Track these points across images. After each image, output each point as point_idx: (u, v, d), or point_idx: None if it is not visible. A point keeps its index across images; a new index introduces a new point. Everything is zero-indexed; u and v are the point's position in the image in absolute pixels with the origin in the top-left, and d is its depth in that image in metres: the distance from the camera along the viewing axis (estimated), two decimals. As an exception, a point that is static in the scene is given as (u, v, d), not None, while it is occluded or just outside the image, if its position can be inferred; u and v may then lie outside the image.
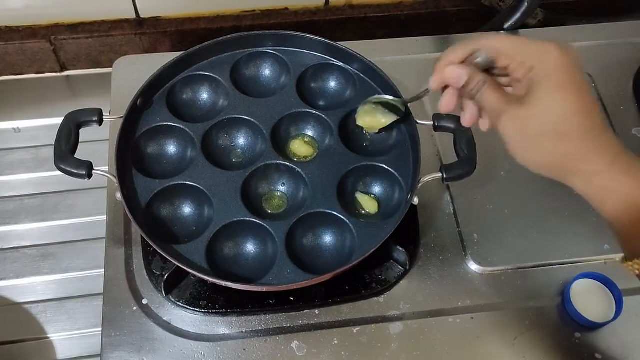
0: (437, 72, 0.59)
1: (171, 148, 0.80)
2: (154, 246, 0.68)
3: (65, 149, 0.73)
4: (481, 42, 0.57)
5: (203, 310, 0.74)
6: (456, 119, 0.77)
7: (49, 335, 0.93)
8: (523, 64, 0.54)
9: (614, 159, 0.53)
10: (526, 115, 0.54)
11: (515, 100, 0.54)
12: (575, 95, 0.53)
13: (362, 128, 0.80)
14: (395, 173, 0.76)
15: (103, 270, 0.78)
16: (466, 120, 0.61)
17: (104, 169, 0.74)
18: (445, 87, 0.60)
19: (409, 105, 0.77)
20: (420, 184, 0.72)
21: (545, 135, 0.54)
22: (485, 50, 0.56)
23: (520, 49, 0.55)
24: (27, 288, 0.96)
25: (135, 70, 0.92)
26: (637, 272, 0.53)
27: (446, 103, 0.61)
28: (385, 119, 0.77)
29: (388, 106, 0.76)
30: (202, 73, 0.83)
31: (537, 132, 0.54)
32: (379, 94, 0.82)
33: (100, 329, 0.74)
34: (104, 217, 0.82)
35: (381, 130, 0.78)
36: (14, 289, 0.96)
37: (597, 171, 0.54)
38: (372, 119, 0.77)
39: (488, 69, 0.57)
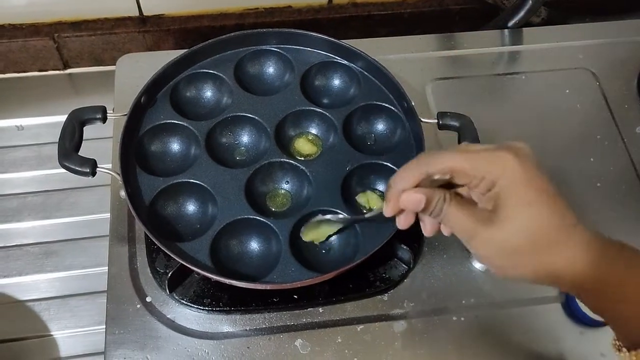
0: (391, 199, 0.55)
1: (175, 146, 0.80)
2: (158, 244, 0.68)
3: (69, 147, 0.73)
4: (433, 163, 0.53)
5: (207, 308, 0.74)
6: (460, 117, 0.78)
7: (52, 333, 0.93)
8: (483, 179, 0.51)
9: (583, 257, 0.51)
10: (499, 237, 0.51)
11: (484, 219, 0.52)
12: (543, 206, 0.50)
13: (366, 127, 0.80)
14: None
15: (106, 267, 0.78)
16: (427, 231, 0.58)
17: (107, 167, 0.74)
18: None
19: (413, 105, 0.77)
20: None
21: (523, 253, 0.51)
22: (443, 173, 0.53)
23: (476, 164, 0.52)
24: (30, 285, 0.96)
25: (138, 68, 0.92)
26: None
27: (405, 222, 0.57)
28: (331, 229, 0.72)
29: (331, 222, 0.72)
30: (206, 71, 0.83)
31: (513, 251, 0.51)
32: (383, 92, 0.82)
33: (104, 326, 0.74)
34: (107, 215, 0.82)
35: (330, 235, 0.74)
36: (17, 286, 0.96)
37: (578, 272, 0.51)
38: (317, 233, 0.72)
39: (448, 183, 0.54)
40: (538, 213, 0.50)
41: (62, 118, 0.76)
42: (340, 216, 0.71)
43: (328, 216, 0.70)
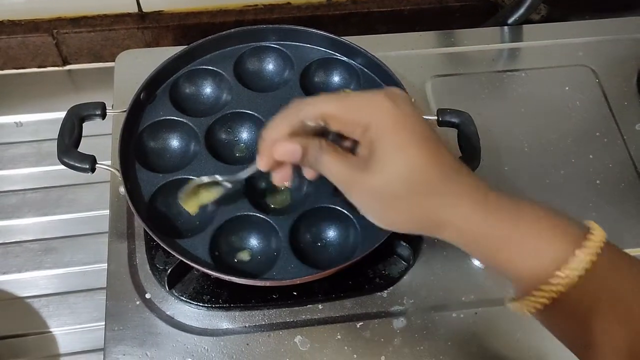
0: (264, 151, 0.53)
1: (174, 142, 0.79)
2: (158, 240, 0.68)
3: (69, 143, 0.73)
4: (306, 109, 0.51)
5: (206, 305, 0.74)
6: (460, 114, 0.77)
7: (51, 330, 0.93)
8: (357, 125, 0.49)
9: (475, 202, 0.49)
10: (374, 183, 0.49)
11: (359, 166, 0.50)
12: (418, 149, 0.48)
13: None
14: (399, 168, 0.76)
15: (105, 264, 0.77)
16: (309, 175, 0.57)
17: (107, 163, 0.74)
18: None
19: (413, 101, 0.76)
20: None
21: (401, 198, 0.49)
22: (315, 120, 0.51)
23: (349, 108, 0.50)
24: (29, 282, 0.96)
25: (138, 65, 0.92)
26: (538, 306, 0.48)
27: (282, 178, 0.56)
28: (210, 194, 0.69)
29: (209, 186, 0.68)
30: (206, 67, 0.83)
31: (390, 197, 0.49)
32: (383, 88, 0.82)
33: (103, 323, 0.74)
34: (107, 212, 0.82)
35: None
36: (16, 283, 0.96)
37: (462, 218, 0.49)
38: (197, 200, 0.69)
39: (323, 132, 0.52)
40: (413, 157, 0.48)
41: (62, 114, 0.76)
42: (218, 177, 0.67)
43: (204, 178, 0.67)
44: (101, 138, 0.85)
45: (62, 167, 0.73)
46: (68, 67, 1.13)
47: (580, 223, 0.49)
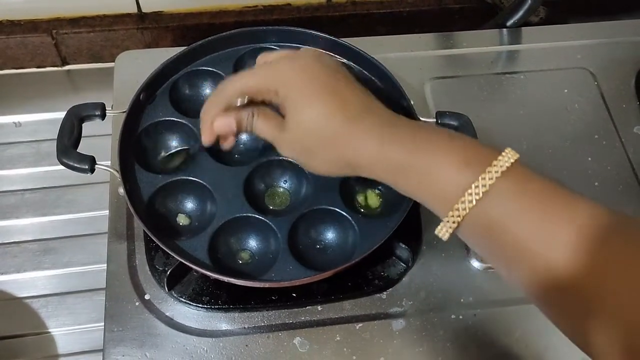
0: (205, 129, 0.61)
1: (174, 143, 0.80)
2: (157, 241, 0.68)
3: (68, 144, 0.73)
4: (227, 90, 0.59)
5: (205, 306, 0.74)
6: (459, 116, 0.78)
7: (50, 330, 0.93)
8: (269, 91, 0.57)
9: (382, 138, 0.53)
10: (291, 139, 0.57)
11: (280, 126, 0.57)
12: (320, 101, 0.54)
13: None
14: (398, 170, 0.76)
15: (104, 265, 0.77)
16: (225, 147, 0.66)
17: (106, 164, 0.74)
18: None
19: (412, 104, 0.77)
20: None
21: (318, 147, 0.55)
22: (239, 97, 0.59)
23: (260, 79, 0.58)
24: (28, 282, 0.96)
25: (137, 65, 0.92)
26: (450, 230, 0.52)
27: (228, 145, 0.65)
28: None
29: None
30: (205, 68, 0.83)
31: (308, 147, 0.56)
32: (382, 90, 0.82)
33: (102, 323, 0.74)
34: (106, 212, 0.82)
35: None
36: (15, 283, 0.96)
37: (368, 157, 0.54)
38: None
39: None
40: (317, 111, 0.54)
41: (61, 115, 0.76)
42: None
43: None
44: (100, 138, 0.85)
45: (61, 167, 0.73)
46: (67, 67, 1.13)
47: (494, 148, 0.51)
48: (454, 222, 0.50)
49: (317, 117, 0.54)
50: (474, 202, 0.48)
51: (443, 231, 0.52)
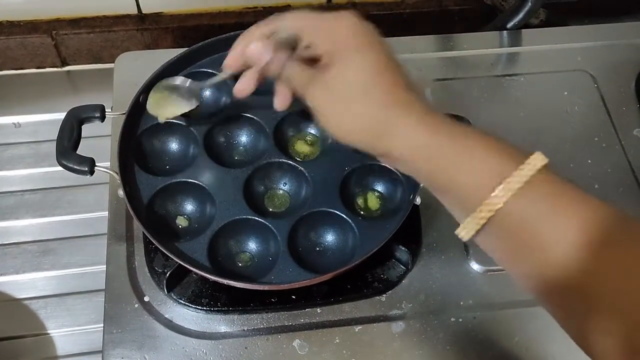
0: (236, 48, 0.57)
1: (173, 145, 0.79)
2: (156, 244, 0.68)
3: (68, 145, 0.73)
4: (280, 20, 0.55)
5: (205, 308, 0.74)
6: (459, 119, 0.77)
7: (49, 331, 0.93)
8: (325, 37, 0.53)
9: (419, 118, 0.51)
10: (331, 80, 0.52)
11: (320, 68, 0.53)
12: (376, 54, 0.52)
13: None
14: (398, 173, 0.76)
15: (104, 266, 0.78)
16: (279, 102, 0.60)
17: (106, 165, 0.74)
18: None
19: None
20: (422, 184, 0.72)
21: (353, 98, 0.52)
22: (287, 26, 0.54)
23: (318, 20, 0.54)
24: (27, 284, 0.96)
25: (137, 67, 0.92)
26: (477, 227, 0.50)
27: (243, 86, 0.59)
28: (176, 109, 0.73)
29: (182, 92, 0.73)
30: (205, 70, 0.83)
31: (344, 95, 0.52)
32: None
33: (101, 325, 0.74)
34: (105, 213, 0.82)
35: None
36: (14, 284, 0.96)
37: (410, 131, 0.51)
38: (162, 110, 0.73)
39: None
40: (370, 60, 0.51)
41: (60, 115, 0.76)
42: (188, 83, 0.72)
43: (177, 81, 0.72)
44: (100, 139, 0.85)
45: (61, 168, 0.73)
46: (67, 68, 1.13)
47: (524, 150, 0.50)
48: (481, 219, 0.48)
49: (370, 68, 0.51)
50: (501, 204, 0.47)
51: (466, 230, 0.50)
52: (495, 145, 0.50)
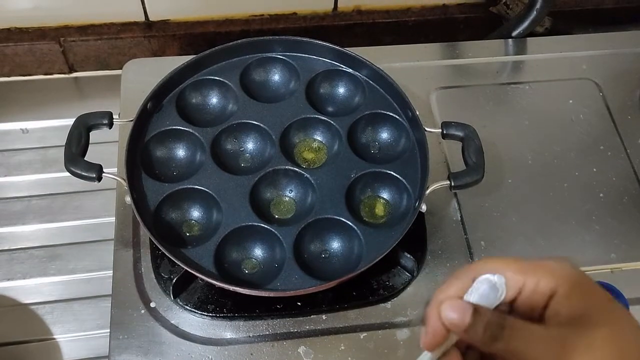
0: (431, 315, 0.42)
1: (180, 152, 0.80)
2: (163, 250, 0.68)
3: (76, 152, 0.74)
4: (478, 266, 0.42)
5: (210, 314, 0.74)
6: (464, 127, 0.78)
7: (55, 337, 0.93)
8: (538, 286, 0.40)
9: None
10: (602, 341, 0.38)
11: (568, 325, 0.38)
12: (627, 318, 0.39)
13: (370, 136, 0.81)
14: (404, 180, 0.76)
15: (110, 271, 0.78)
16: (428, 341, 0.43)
17: (113, 171, 0.75)
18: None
19: (417, 114, 0.77)
20: (428, 192, 0.73)
21: None
22: (490, 269, 0.41)
23: (526, 265, 0.41)
24: (33, 289, 0.96)
25: (144, 73, 0.92)
26: None
27: None
28: None
29: None
30: (212, 77, 0.84)
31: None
32: (388, 100, 0.82)
33: (107, 330, 0.74)
34: (112, 219, 0.82)
35: None
36: (21, 289, 0.96)
37: None
38: None
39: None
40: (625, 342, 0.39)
41: (67, 122, 0.76)
42: None
43: None
44: (107, 145, 0.86)
45: (68, 173, 0.73)
46: (74, 74, 1.13)
47: None
48: None
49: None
50: None
51: None
52: None
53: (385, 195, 0.78)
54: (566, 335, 0.38)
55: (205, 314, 0.74)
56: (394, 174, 0.77)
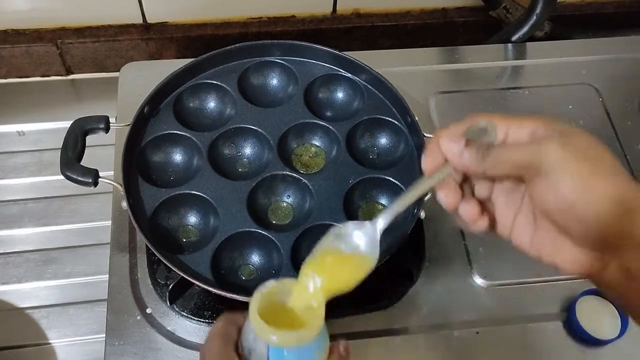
0: (431, 147, 0.48)
1: (177, 157, 0.79)
2: (159, 256, 0.68)
3: (72, 157, 0.73)
4: (476, 117, 0.47)
5: (207, 321, 0.74)
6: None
7: (50, 341, 0.92)
8: (521, 127, 0.45)
9: None
10: (574, 138, 0.43)
11: (558, 133, 0.43)
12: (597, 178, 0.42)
13: (369, 141, 0.80)
14: (402, 186, 0.76)
15: (106, 276, 0.77)
16: (469, 218, 0.48)
17: (109, 176, 0.74)
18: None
19: (416, 120, 0.77)
20: (427, 198, 0.72)
21: (601, 158, 0.43)
22: (482, 119, 0.46)
23: (517, 118, 0.46)
24: (29, 293, 0.95)
25: (142, 77, 0.92)
26: None
27: (447, 198, 0.48)
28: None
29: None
30: (210, 81, 0.83)
31: (592, 155, 0.43)
32: (387, 106, 0.82)
33: (102, 335, 0.73)
34: (108, 223, 0.82)
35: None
36: (16, 293, 0.95)
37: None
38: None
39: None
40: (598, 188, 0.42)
41: (64, 124, 0.76)
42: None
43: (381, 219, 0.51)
44: (104, 149, 0.85)
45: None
46: (71, 76, 1.13)
47: None
48: None
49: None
50: None
51: None
52: None
53: (383, 201, 0.78)
54: (543, 139, 0.43)
55: (202, 320, 0.74)
56: (393, 180, 0.76)
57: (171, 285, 0.73)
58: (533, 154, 0.43)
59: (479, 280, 0.78)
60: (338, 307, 0.74)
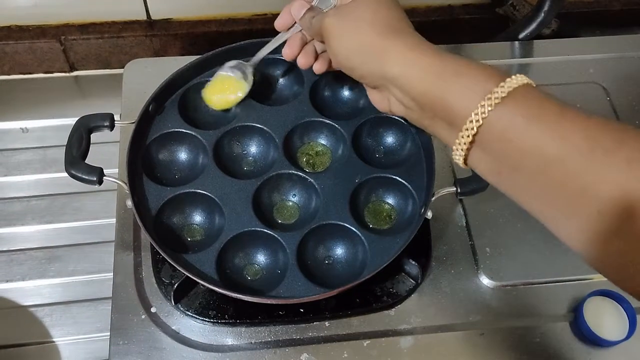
0: (284, 10, 0.70)
1: (182, 155, 0.79)
2: (164, 255, 0.67)
3: (77, 155, 0.73)
4: None
5: (212, 320, 0.73)
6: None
7: (54, 339, 0.92)
8: None
9: (414, 44, 0.57)
10: (344, 11, 0.61)
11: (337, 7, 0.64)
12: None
13: (375, 140, 0.80)
14: (409, 186, 0.75)
15: (110, 274, 0.77)
16: (300, 64, 0.70)
17: (114, 174, 0.74)
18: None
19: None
20: (434, 198, 0.72)
21: (360, 27, 0.59)
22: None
23: None
24: (32, 291, 0.95)
25: (146, 74, 0.91)
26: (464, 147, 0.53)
27: (291, 50, 0.70)
28: (235, 93, 0.78)
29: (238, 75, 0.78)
30: (215, 79, 0.82)
31: (353, 25, 0.59)
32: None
33: (106, 333, 0.73)
34: (112, 220, 0.81)
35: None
36: (20, 291, 0.95)
37: (400, 52, 0.56)
38: (219, 97, 0.79)
39: None
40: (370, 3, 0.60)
41: (68, 121, 0.76)
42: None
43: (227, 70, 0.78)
44: (108, 146, 0.85)
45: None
46: (75, 73, 1.12)
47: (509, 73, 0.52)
48: (468, 136, 0.51)
49: (377, 4, 0.60)
50: (486, 113, 0.49)
51: (459, 152, 0.53)
52: (483, 68, 0.53)
53: (390, 200, 0.77)
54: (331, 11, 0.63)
55: (207, 319, 0.74)
56: (400, 179, 0.75)
57: (176, 284, 0.73)
58: (318, 21, 0.63)
59: (485, 281, 0.78)
60: (342, 307, 0.74)
